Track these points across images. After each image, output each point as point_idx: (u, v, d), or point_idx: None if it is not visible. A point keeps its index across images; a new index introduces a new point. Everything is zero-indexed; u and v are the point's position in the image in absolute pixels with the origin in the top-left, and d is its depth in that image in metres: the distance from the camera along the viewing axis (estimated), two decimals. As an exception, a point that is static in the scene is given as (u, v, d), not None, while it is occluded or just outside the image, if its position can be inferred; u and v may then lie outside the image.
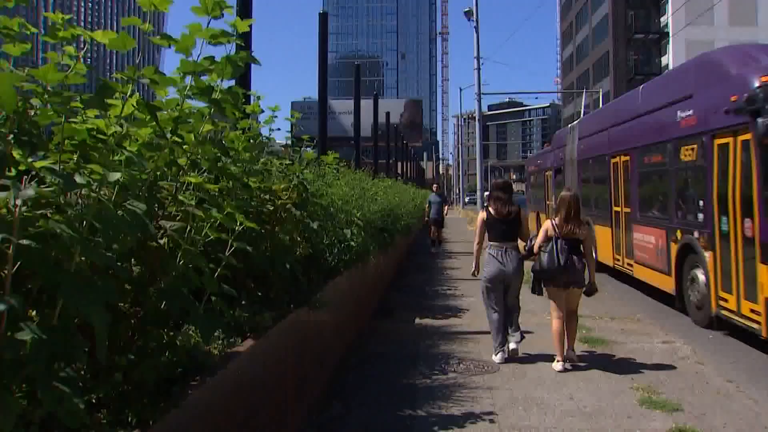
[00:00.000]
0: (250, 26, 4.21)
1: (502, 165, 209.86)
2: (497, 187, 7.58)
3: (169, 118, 2.29)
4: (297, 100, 59.58)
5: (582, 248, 7.09)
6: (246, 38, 2.74)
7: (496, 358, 7.16)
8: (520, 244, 7.45)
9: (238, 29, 2.38)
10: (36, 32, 2.52)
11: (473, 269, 7.64)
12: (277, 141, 5.11)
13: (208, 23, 2.32)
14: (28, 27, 2.38)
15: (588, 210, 15.15)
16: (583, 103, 28.80)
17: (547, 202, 21.06)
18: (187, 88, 2.32)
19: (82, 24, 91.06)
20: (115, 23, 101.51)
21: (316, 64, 10.80)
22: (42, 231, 1.81)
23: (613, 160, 14.23)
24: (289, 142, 5.66)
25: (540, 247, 7.14)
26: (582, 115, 23.01)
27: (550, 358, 7.15)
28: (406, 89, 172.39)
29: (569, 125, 19.95)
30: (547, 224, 7.27)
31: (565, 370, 6.84)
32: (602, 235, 14.90)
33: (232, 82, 2.74)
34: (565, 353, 7.03)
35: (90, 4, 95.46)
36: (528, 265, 7.44)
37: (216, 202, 2.74)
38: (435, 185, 22.45)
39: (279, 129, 4.42)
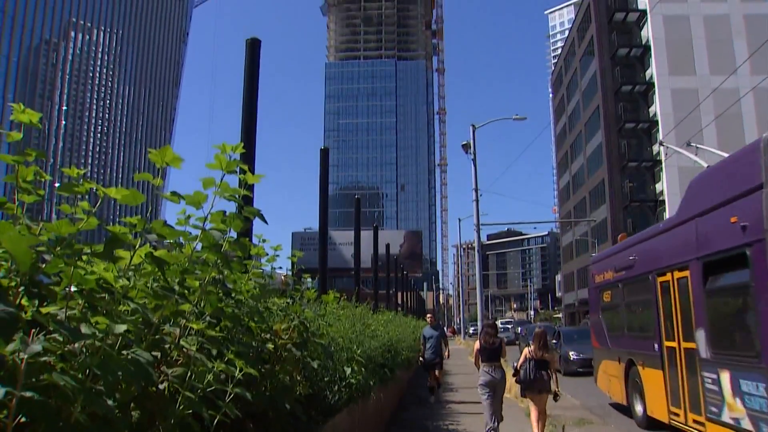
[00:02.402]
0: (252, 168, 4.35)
1: (502, 294, 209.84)
2: (487, 326, 11.25)
3: (176, 269, 2.35)
4: (298, 231, 60.50)
5: (549, 366, 10.35)
6: (251, 187, 2.85)
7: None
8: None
9: (248, 181, 2.50)
10: (49, 179, 2.62)
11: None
12: (278, 271, 5.18)
13: (222, 177, 2.42)
14: (43, 175, 2.47)
15: None
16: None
17: (667, 343, 10.94)
18: (197, 239, 2.40)
19: (88, 171, 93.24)
20: (118, 157, 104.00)
21: (316, 194, 11.00)
22: (46, 383, 1.82)
23: None
24: (289, 272, 5.71)
25: (520, 366, 10.42)
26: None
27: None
28: (405, 219, 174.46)
29: None
30: (525, 351, 10.50)
31: None
32: None
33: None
34: None
35: (97, 148, 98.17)
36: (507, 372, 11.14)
37: (218, 347, 2.76)
38: (429, 316, 18.30)
39: (281, 267, 4.48)
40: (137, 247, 2.23)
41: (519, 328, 56.26)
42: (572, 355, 24.00)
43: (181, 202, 2.32)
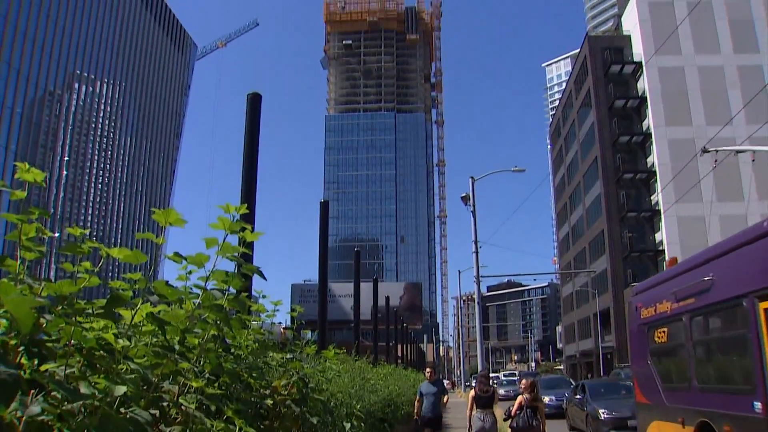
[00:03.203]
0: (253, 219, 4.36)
1: (503, 346, 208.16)
2: (481, 377, 12.93)
3: (177, 328, 2.36)
4: (297, 283, 60.40)
5: (539, 412, 11.49)
6: (250, 244, 2.87)
7: None
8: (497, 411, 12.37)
9: (247, 239, 2.52)
10: (50, 236, 2.63)
11: (468, 428, 12.24)
12: (277, 322, 5.17)
13: (225, 238, 2.45)
14: (45, 232, 2.49)
15: None
16: None
17: None
18: (199, 298, 2.41)
19: (88, 221, 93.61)
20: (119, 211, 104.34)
21: (316, 245, 10.97)
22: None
23: None
24: (288, 323, 5.70)
25: (516, 414, 11.40)
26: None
27: None
28: (405, 271, 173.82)
29: None
30: (520, 399, 11.50)
31: None
32: None
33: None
34: None
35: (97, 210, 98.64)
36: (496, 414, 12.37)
37: (217, 404, 2.74)
38: (428, 370, 15.27)
39: (281, 323, 4.48)
40: (138, 306, 2.24)
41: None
42: (603, 413, 19.66)
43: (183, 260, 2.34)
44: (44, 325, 2.06)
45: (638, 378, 12.48)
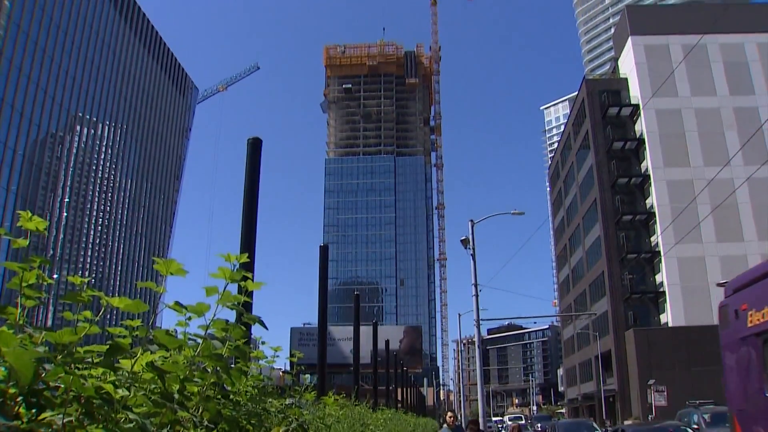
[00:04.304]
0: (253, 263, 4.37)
1: (503, 389, 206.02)
2: (472, 422, 13.76)
3: (176, 377, 2.35)
4: (296, 326, 60.13)
5: None
6: (251, 293, 2.87)
7: None
8: None
9: (248, 288, 2.53)
10: (50, 282, 2.63)
11: None
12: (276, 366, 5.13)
13: (225, 287, 2.46)
14: (45, 279, 2.49)
15: None
16: None
17: None
18: (198, 349, 2.41)
19: (87, 262, 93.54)
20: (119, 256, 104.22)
21: (315, 288, 10.91)
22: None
23: None
24: (286, 367, 5.67)
25: None
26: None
27: None
28: (405, 314, 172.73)
29: None
30: None
31: None
32: None
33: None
34: None
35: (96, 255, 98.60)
36: None
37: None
38: (449, 414, 15.13)
39: (281, 369, 4.45)
40: (138, 355, 2.24)
41: (539, 425, 54.34)
42: None
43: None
44: (43, 375, 2.05)
45: (744, 418, 8.30)
